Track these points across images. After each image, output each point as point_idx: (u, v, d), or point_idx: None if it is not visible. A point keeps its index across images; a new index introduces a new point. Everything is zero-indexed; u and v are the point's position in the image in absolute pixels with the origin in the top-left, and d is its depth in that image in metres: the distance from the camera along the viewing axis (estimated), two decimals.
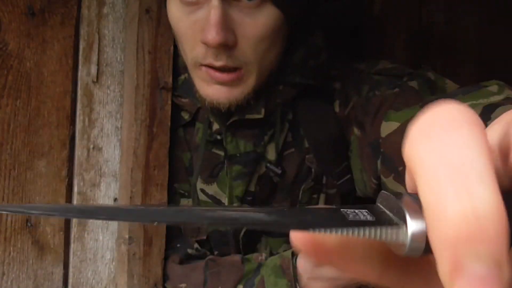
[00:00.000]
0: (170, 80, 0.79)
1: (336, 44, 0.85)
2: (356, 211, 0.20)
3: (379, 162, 0.70)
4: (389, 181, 0.68)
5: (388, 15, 1.18)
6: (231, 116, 0.76)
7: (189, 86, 0.78)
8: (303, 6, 0.75)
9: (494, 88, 0.59)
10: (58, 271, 0.73)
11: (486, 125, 0.47)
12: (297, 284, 0.72)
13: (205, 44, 0.66)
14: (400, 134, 0.65)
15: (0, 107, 0.69)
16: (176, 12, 0.69)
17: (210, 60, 0.67)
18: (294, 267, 0.73)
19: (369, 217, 0.20)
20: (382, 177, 0.70)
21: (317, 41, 0.80)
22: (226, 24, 0.65)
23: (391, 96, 0.72)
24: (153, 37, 0.77)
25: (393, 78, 0.76)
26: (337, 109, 0.82)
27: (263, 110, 0.76)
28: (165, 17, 0.76)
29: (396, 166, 0.66)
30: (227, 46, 0.66)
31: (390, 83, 0.75)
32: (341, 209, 0.21)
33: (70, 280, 0.74)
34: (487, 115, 0.52)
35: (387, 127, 0.68)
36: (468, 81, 0.73)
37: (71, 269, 0.74)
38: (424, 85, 0.71)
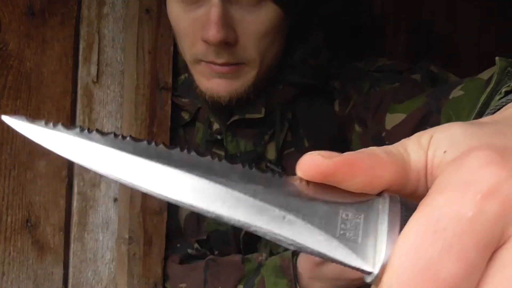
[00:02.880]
0: (170, 80, 0.79)
1: (336, 44, 0.85)
2: (350, 222, 0.21)
3: None
4: None
5: (388, 15, 1.18)
6: (232, 116, 0.76)
7: (189, 86, 0.78)
8: (302, 3, 0.75)
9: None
10: (58, 271, 0.73)
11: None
12: (297, 284, 0.72)
13: (206, 42, 0.66)
14: (406, 125, 0.65)
15: (0, 107, 0.69)
16: (176, 10, 0.69)
17: (211, 58, 0.67)
18: (295, 267, 0.72)
19: (358, 236, 0.21)
20: None
21: (317, 41, 0.80)
22: (227, 22, 0.65)
23: (391, 90, 0.72)
24: (153, 37, 0.77)
25: (393, 74, 0.76)
26: (337, 108, 0.82)
27: (263, 110, 0.76)
28: (165, 17, 0.76)
29: None
30: (228, 43, 0.66)
31: (390, 78, 0.75)
32: (339, 211, 0.21)
33: (70, 280, 0.74)
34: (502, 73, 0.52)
35: (392, 119, 0.68)
36: None
37: (71, 269, 0.74)
38: (426, 77, 0.71)
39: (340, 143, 0.82)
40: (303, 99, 0.81)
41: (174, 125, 0.80)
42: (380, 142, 0.70)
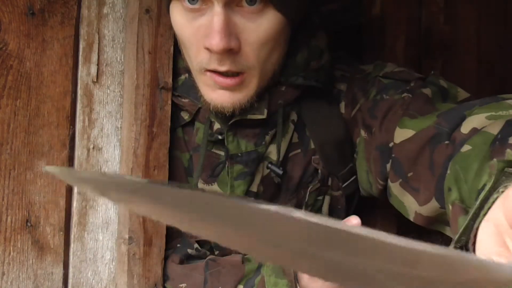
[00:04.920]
0: (170, 80, 0.79)
1: (335, 44, 0.85)
2: None
3: (388, 165, 0.70)
4: (394, 186, 0.69)
5: (388, 15, 1.18)
6: (233, 116, 0.76)
7: (189, 86, 0.78)
8: (304, 8, 0.75)
9: None
10: (58, 271, 0.73)
11: (508, 141, 0.48)
12: (297, 284, 0.72)
13: (209, 50, 0.66)
14: (415, 142, 0.65)
15: (0, 107, 0.69)
16: (179, 19, 0.70)
17: (214, 66, 0.68)
18: None
19: None
20: (388, 181, 0.71)
21: (319, 43, 0.80)
22: (229, 30, 0.65)
23: (399, 100, 0.72)
24: (153, 37, 0.77)
25: (401, 83, 0.76)
26: (342, 110, 0.82)
27: (265, 111, 0.76)
28: (165, 17, 0.76)
29: (406, 172, 0.67)
30: (231, 51, 0.66)
31: (398, 88, 0.75)
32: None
33: (70, 280, 0.74)
34: (509, 129, 0.51)
35: (401, 134, 0.68)
36: (468, 80, 0.73)
37: (71, 269, 0.74)
38: (437, 93, 0.72)
39: (346, 145, 0.82)
40: (308, 101, 0.81)
41: (173, 125, 0.80)
42: (386, 151, 0.71)
